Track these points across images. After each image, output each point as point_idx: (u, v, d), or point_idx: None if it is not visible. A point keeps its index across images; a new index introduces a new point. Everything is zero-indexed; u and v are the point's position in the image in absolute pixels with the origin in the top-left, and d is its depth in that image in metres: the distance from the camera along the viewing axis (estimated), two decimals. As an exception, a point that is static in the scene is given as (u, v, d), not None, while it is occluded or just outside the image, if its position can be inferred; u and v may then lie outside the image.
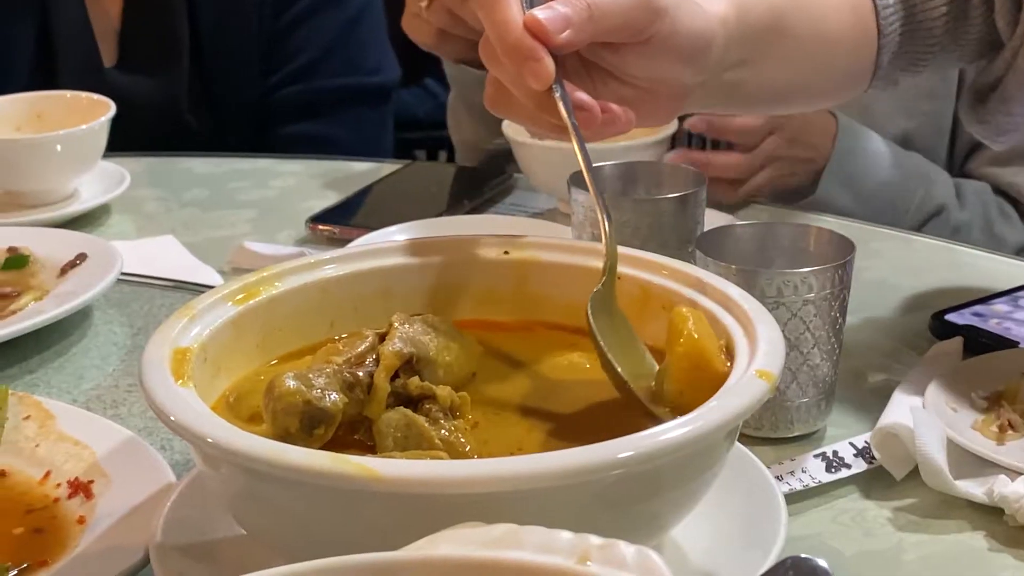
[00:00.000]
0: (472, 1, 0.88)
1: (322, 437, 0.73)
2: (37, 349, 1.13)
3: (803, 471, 0.93)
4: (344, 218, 1.42)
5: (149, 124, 1.86)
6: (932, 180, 1.53)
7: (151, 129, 1.86)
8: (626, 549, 0.56)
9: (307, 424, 0.72)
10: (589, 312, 0.80)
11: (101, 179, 1.52)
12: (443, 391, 0.76)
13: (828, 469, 0.94)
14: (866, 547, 0.87)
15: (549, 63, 0.84)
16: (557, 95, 0.86)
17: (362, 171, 1.60)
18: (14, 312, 1.13)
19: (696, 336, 0.77)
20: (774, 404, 0.97)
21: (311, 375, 0.74)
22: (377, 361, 0.76)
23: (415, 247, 0.89)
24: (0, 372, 1.10)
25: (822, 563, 0.56)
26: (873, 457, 0.94)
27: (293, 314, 0.85)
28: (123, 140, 1.59)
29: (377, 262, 0.88)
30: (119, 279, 1.21)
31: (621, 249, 0.86)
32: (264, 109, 1.92)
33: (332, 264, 0.87)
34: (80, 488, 0.85)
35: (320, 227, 1.40)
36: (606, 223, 0.84)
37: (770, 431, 0.98)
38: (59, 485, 0.87)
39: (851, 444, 0.96)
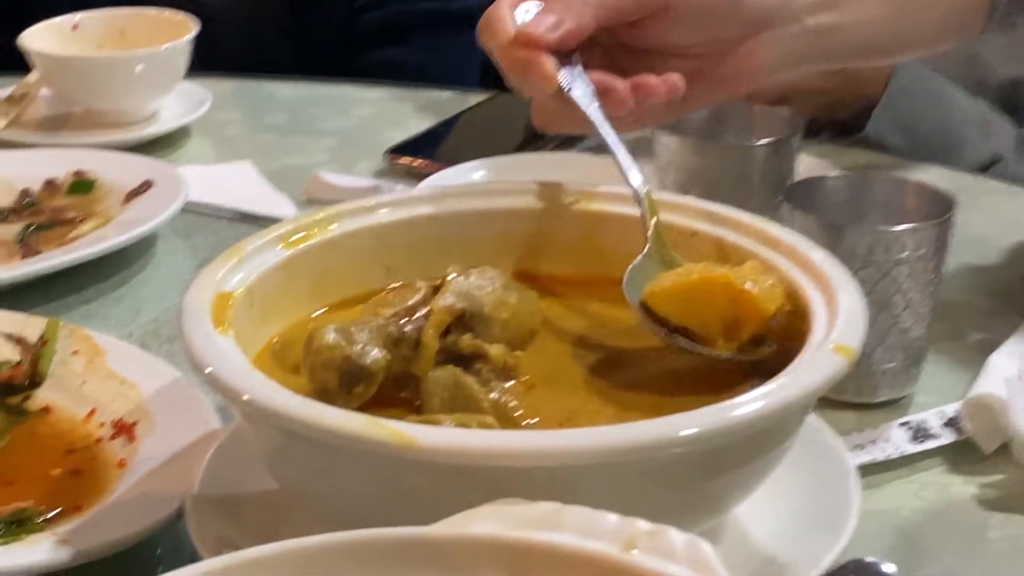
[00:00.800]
0: (479, 34, 0.87)
1: (362, 395, 0.69)
2: (96, 279, 1.10)
3: (886, 440, 0.89)
4: (424, 150, 1.38)
5: (234, 47, 1.83)
6: (991, 130, 1.45)
7: (235, 52, 1.82)
8: (676, 537, 0.53)
9: (346, 381, 0.68)
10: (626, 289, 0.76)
11: (182, 100, 1.49)
12: (496, 350, 0.72)
13: (913, 439, 0.89)
14: (948, 524, 0.82)
15: (547, 65, 0.83)
16: (568, 90, 0.83)
17: (447, 101, 1.55)
18: (75, 239, 1.10)
19: (661, 287, 0.75)
20: (859, 368, 0.90)
21: (353, 329, 0.69)
22: (428, 315, 0.72)
23: (477, 192, 0.85)
24: (56, 301, 1.07)
25: (888, 569, 0.51)
26: (962, 428, 0.89)
27: (347, 259, 0.81)
28: (207, 63, 1.56)
29: (436, 207, 0.83)
30: (186, 208, 1.17)
31: (696, 202, 0.82)
32: (348, 34, 1.88)
33: (388, 208, 0.83)
34: (123, 429, 0.82)
35: (399, 159, 1.36)
36: (644, 203, 0.80)
37: (853, 396, 0.93)
38: (102, 425, 0.84)
39: (940, 413, 0.91)
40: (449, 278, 0.75)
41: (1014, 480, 0.85)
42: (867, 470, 0.85)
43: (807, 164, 1.23)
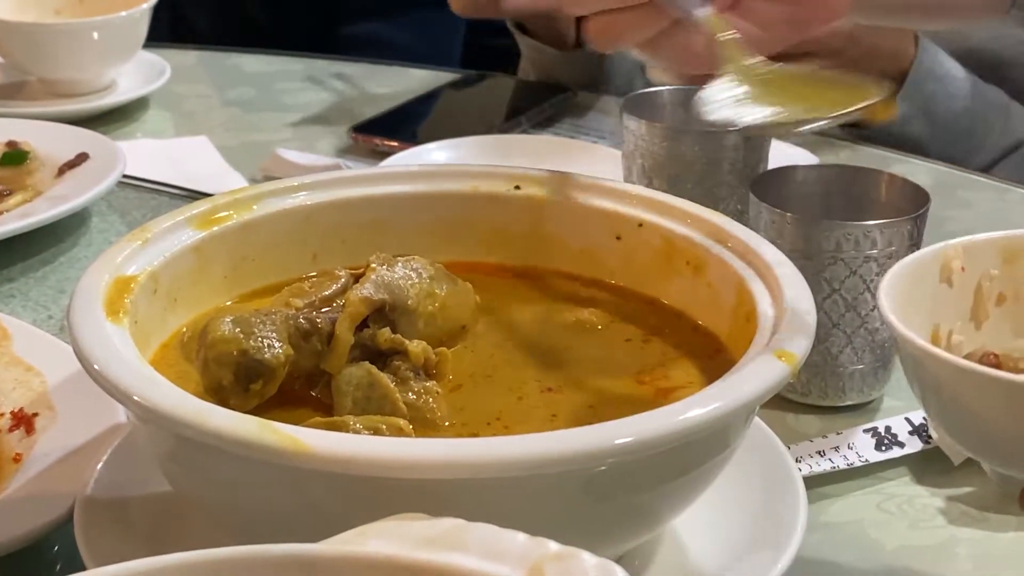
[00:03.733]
0: None
1: (260, 394, 0.63)
2: (23, 255, 1.05)
3: (850, 447, 0.84)
4: (388, 130, 1.32)
5: (211, 14, 1.79)
6: (1011, 113, 1.39)
7: (213, 20, 1.78)
8: (588, 561, 0.49)
9: (243, 378, 0.62)
10: None
11: (142, 71, 1.44)
12: (416, 346, 0.66)
13: (878, 447, 0.85)
14: (911, 540, 0.78)
15: None
16: None
17: (421, 79, 1.50)
18: (0, 213, 1.05)
19: None
20: (824, 369, 0.88)
21: (255, 320, 0.64)
22: (344, 307, 0.66)
23: (414, 175, 0.79)
24: (-22, 279, 1.02)
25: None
26: (930, 436, 0.85)
27: (270, 243, 0.75)
28: (184, 31, 1.51)
29: (370, 189, 0.78)
30: (127, 183, 1.12)
31: (645, 192, 0.76)
32: (330, 6, 1.83)
33: (319, 188, 0.77)
34: (23, 421, 0.77)
35: (361, 137, 1.31)
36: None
37: (818, 398, 0.89)
38: (1, 415, 0.78)
39: (907, 420, 0.87)
40: (373, 266, 0.69)
41: (983, 493, 0.81)
42: (828, 479, 0.81)
43: (783, 153, 1.18)
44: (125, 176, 1.14)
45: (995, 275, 0.73)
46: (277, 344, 0.62)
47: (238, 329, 0.62)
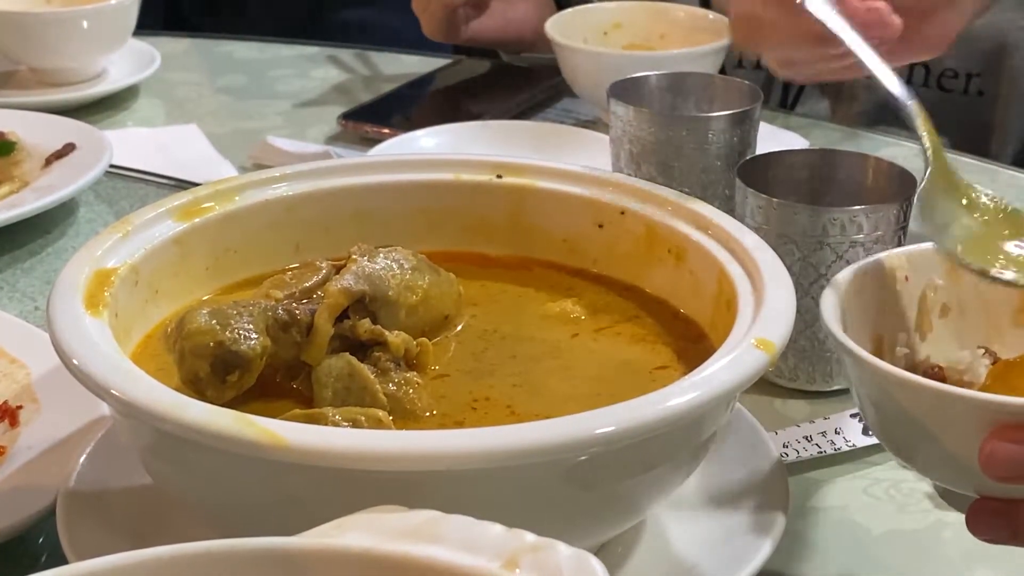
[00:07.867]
0: None
1: (237, 385, 0.63)
2: (10, 247, 1.05)
3: (836, 432, 0.84)
4: (378, 116, 1.32)
5: (202, 1, 1.78)
6: None
7: (204, 7, 1.77)
8: (563, 552, 0.49)
9: (219, 369, 0.62)
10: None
11: (132, 59, 1.44)
12: (396, 337, 0.66)
13: (865, 432, 0.84)
14: (898, 525, 0.78)
15: None
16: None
17: (411, 64, 1.50)
18: (-13, 204, 1.05)
19: None
20: (812, 354, 0.88)
21: (232, 311, 0.63)
22: (324, 298, 0.66)
23: (396, 164, 0.79)
24: (-35, 271, 1.02)
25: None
26: None
27: (252, 234, 0.75)
28: (174, 18, 1.50)
29: (352, 179, 0.78)
30: (115, 173, 1.12)
31: (627, 180, 0.76)
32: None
33: (302, 179, 0.77)
34: (7, 413, 0.76)
35: (351, 124, 1.30)
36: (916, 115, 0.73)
37: (806, 383, 0.89)
38: (-15, 408, 0.78)
39: (895, 405, 0.86)
40: (354, 257, 0.69)
41: (970, 478, 0.80)
42: (815, 463, 0.81)
43: (772, 137, 1.18)
44: (113, 166, 1.14)
45: (939, 286, 0.71)
46: (254, 335, 0.62)
47: (214, 320, 0.62)
